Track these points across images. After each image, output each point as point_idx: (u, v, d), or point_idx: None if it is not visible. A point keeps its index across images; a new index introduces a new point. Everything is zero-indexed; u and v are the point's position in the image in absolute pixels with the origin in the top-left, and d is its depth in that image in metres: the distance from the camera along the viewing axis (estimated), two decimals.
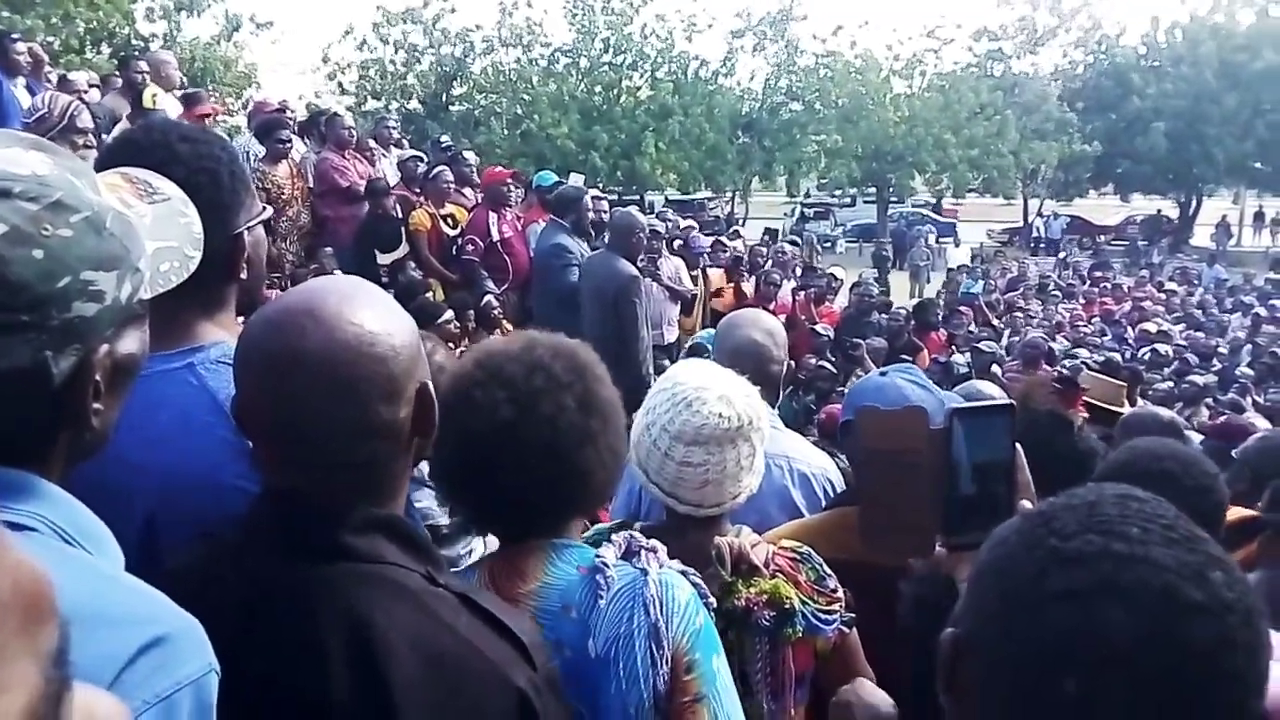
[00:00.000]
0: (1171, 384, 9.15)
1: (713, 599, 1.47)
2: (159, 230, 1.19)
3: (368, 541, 1.11)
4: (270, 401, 1.11)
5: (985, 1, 48.16)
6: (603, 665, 1.29)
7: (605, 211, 8.06)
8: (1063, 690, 0.69)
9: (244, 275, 1.45)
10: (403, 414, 1.13)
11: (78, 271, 0.86)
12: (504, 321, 6.88)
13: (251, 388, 1.13)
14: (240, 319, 1.44)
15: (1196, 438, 4.77)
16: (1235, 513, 2.00)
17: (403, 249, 7.09)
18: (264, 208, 1.53)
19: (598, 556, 1.36)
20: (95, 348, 0.89)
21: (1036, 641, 0.72)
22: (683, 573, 1.42)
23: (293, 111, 8.66)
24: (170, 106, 6.81)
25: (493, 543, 1.55)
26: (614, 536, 1.43)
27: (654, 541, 1.43)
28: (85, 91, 6.78)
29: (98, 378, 0.90)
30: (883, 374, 2.43)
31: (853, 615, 1.67)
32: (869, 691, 1.55)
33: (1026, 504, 1.12)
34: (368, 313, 1.12)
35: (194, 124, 1.63)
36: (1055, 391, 3.75)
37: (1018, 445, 1.18)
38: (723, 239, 10.83)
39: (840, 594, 1.67)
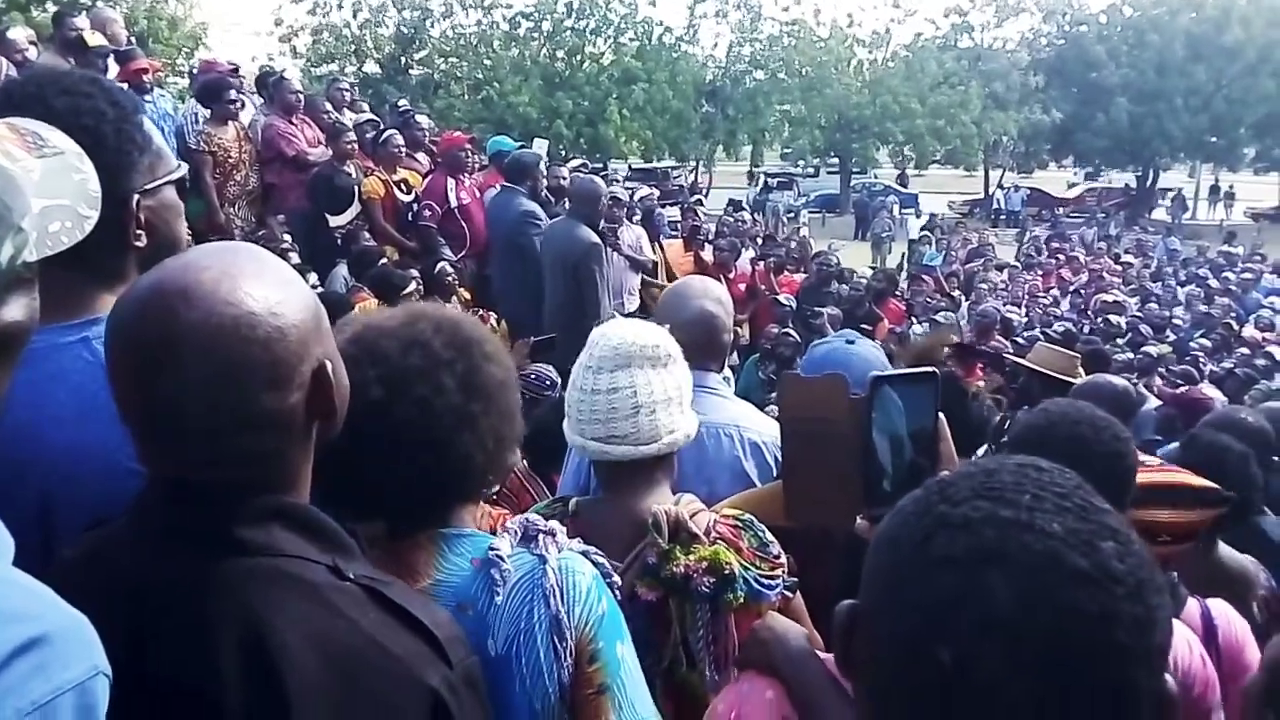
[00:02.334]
0: (1131, 355, 9.24)
1: (617, 579, 1.41)
2: (49, 187, 1.09)
3: (263, 532, 1.02)
4: (141, 393, 1.00)
5: None
6: (504, 663, 1.22)
7: (565, 179, 7.94)
8: (939, 660, 0.66)
9: (141, 243, 1.33)
10: (293, 399, 1.02)
11: None
12: (459, 289, 6.77)
13: (121, 377, 1.02)
14: None
15: (1154, 403, 4.82)
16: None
17: (354, 209, 6.91)
18: (176, 167, 1.41)
19: (492, 548, 1.27)
20: None
21: (916, 609, 0.69)
22: (584, 553, 1.35)
23: (243, 73, 8.37)
24: (110, 65, 6.57)
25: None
26: (508, 523, 1.34)
27: (552, 524, 1.35)
28: (25, 50, 6.51)
29: None
30: (826, 342, 2.41)
31: (795, 580, 1.65)
32: (781, 622, 1.53)
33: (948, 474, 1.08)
34: (249, 288, 1.00)
35: (90, 75, 1.48)
36: (952, 357, 3.74)
37: (941, 415, 1.14)
38: (695, 209, 10.75)
39: (783, 560, 1.64)
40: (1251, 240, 22.77)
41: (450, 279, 6.66)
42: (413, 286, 6.05)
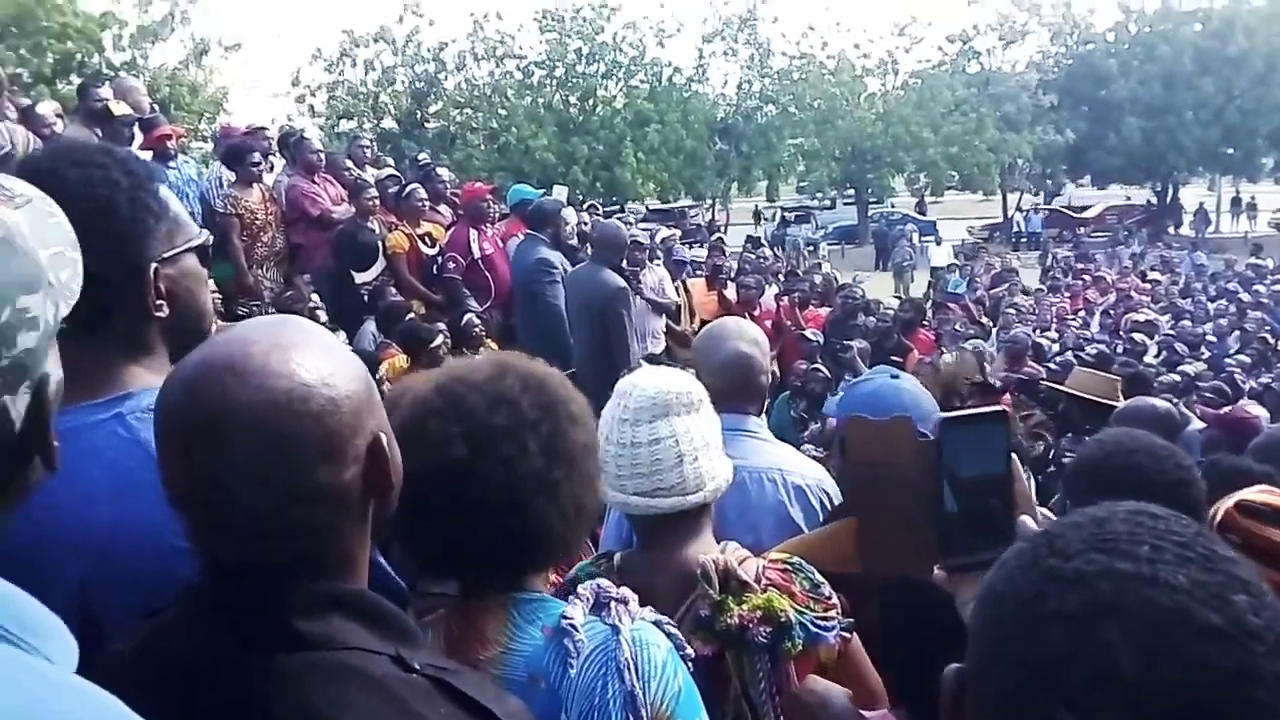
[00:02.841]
0: (1176, 378, 9.05)
1: (690, 649, 1.37)
2: (39, 236, 1.07)
3: (322, 623, 0.97)
4: (191, 473, 0.96)
5: (956, 1, 48.59)
6: None
7: (587, 224, 7.98)
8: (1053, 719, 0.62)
9: (163, 313, 1.30)
10: (348, 475, 0.98)
11: (13, 300, 0.76)
12: (486, 340, 6.77)
13: (170, 457, 0.98)
14: None
15: (1198, 424, 4.70)
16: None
17: (379, 265, 6.96)
18: (197, 234, 1.39)
19: (565, 617, 1.23)
20: (43, 380, 0.80)
21: (1030, 669, 0.65)
22: (656, 623, 1.31)
23: (268, 133, 8.49)
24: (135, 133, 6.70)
25: None
26: (580, 589, 1.29)
27: (624, 590, 1.30)
28: (53, 124, 6.65)
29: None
30: (869, 379, 2.36)
31: (851, 621, 1.60)
32: (822, 686, 1.50)
33: (1026, 519, 1.02)
34: (299, 361, 0.97)
35: (104, 147, 1.46)
36: (975, 395, 3.64)
37: (1014, 456, 1.09)
38: (720, 248, 10.74)
39: (836, 601, 1.60)
40: (1278, 251, 22.48)
41: (477, 330, 6.67)
42: (440, 339, 6.06)
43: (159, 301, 1.30)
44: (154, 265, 1.30)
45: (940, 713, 0.75)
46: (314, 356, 0.99)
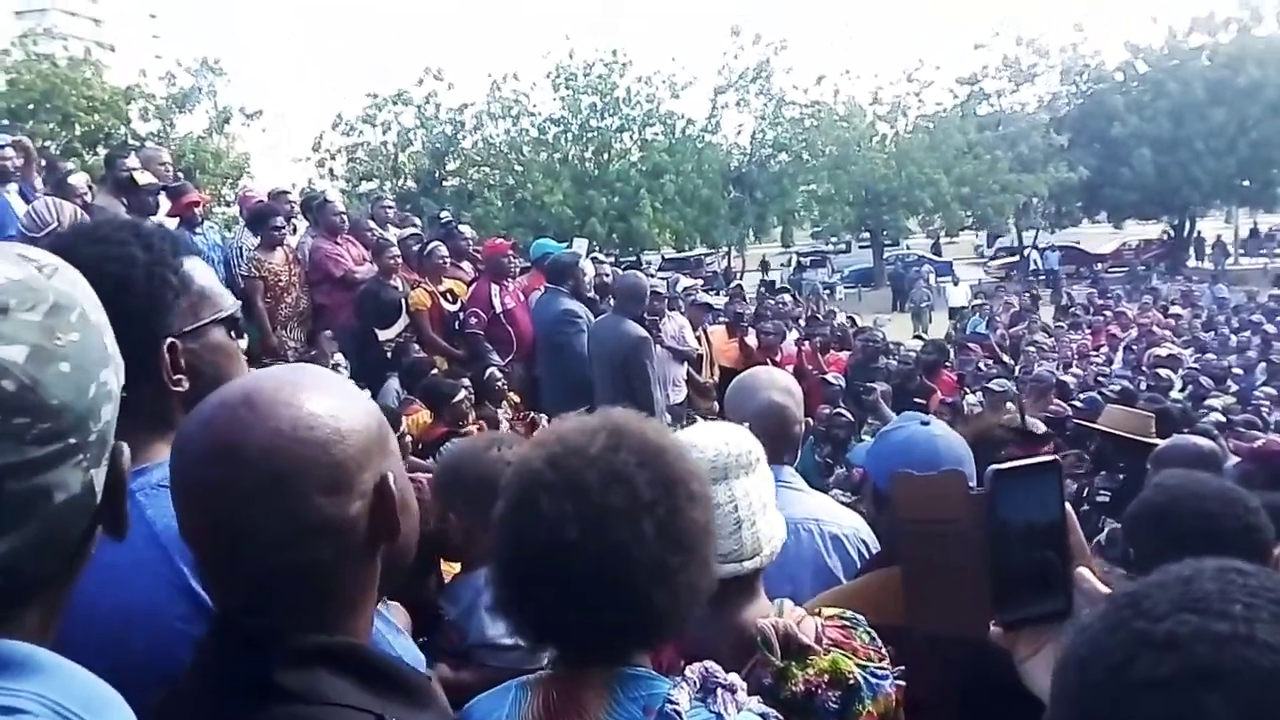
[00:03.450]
0: (1219, 417, 8.88)
1: None
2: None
3: (305, 677, 0.96)
4: (198, 499, 0.99)
5: (963, 43, 49.20)
6: None
7: (607, 275, 8.04)
8: None
9: (182, 388, 1.30)
10: (353, 509, 0.99)
11: (97, 375, 0.79)
12: (509, 393, 6.80)
13: (183, 488, 1.01)
14: None
15: (1233, 460, 4.62)
16: None
17: (402, 323, 7.03)
18: (228, 308, 1.39)
19: (670, 700, 1.18)
20: (117, 451, 0.82)
21: None
22: (763, 715, 1.26)
23: (291, 196, 8.64)
24: (161, 201, 6.83)
25: None
26: (688, 671, 1.24)
27: (732, 677, 1.25)
28: (84, 194, 6.79)
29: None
30: (900, 427, 2.33)
31: (902, 668, 1.57)
32: None
33: (1084, 571, 1.00)
34: (308, 396, 1.00)
35: (129, 222, 1.48)
36: (1013, 442, 3.55)
37: (1068, 506, 1.07)
38: (740, 295, 10.75)
39: (886, 651, 1.57)
40: None
41: (500, 384, 6.70)
42: (462, 394, 6.09)
43: (177, 376, 1.30)
44: (172, 339, 1.30)
45: None
46: (323, 393, 1.02)
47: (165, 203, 6.95)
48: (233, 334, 1.41)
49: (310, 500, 0.96)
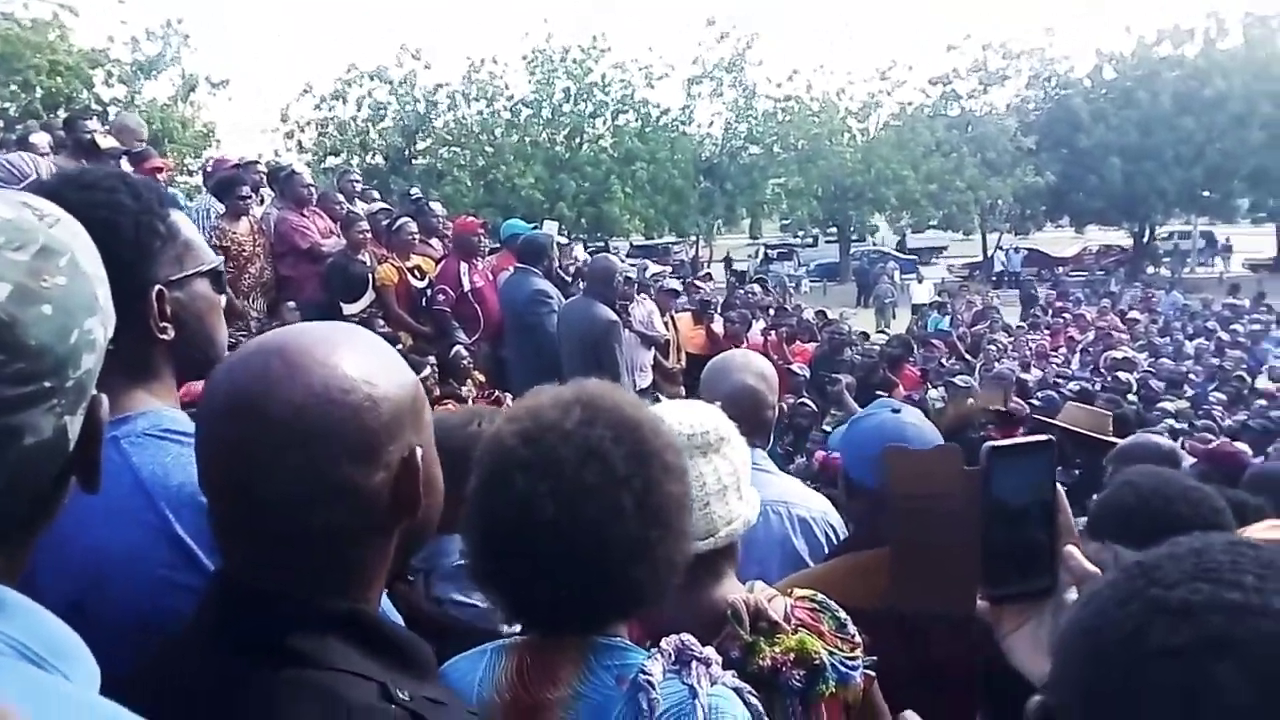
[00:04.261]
0: (1172, 423, 9.06)
1: None
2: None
3: (315, 642, 0.94)
4: (221, 452, 0.96)
5: (937, 44, 49.65)
6: None
7: (576, 261, 8.01)
8: None
9: (168, 336, 1.28)
10: (376, 479, 0.96)
11: (81, 322, 0.78)
12: (474, 371, 6.76)
13: (205, 435, 0.98)
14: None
15: (1189, 460, 4.74)
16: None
17: (368, 298, 6.96)
18: (211, 261, 1.37)
19: (643, 671, 1.18)
20: (95, 401, 0.81)
21: (1136, 708, 0.62)
22: (737, 690, 1.26)
23: (259, 166, 8.51)
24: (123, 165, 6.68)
25: None
26: (664, 642, 1.24)
27: (708, 651, 1.26)
28: (47, 153, 6.64)
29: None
30: (871, 414, 2.35)
31: (874, 659, 1.58)
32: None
33: (1071, 549, 1.02)
34: (346, 356, 0.96)
35: (116, 171, 1.46)
36: (993, 424, 3.61)
37: (1059, 486, 1.09)
38: (696, 281, 10.80)
39: (859, 639, 1.57)
40: (1254, 291, 22.81)
41: (466, 362, 6.66)
42: (428, 371, 6.04)
43: (164, 324, 1.28)
44: (158, 287, 1.28)
45: None
46: (362, 356, 0.98)
47: (128, 168, 6.81)
48: (215, 289, 1.39)
49: (334, 465, 0.93)
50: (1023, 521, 1.02)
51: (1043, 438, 1.09)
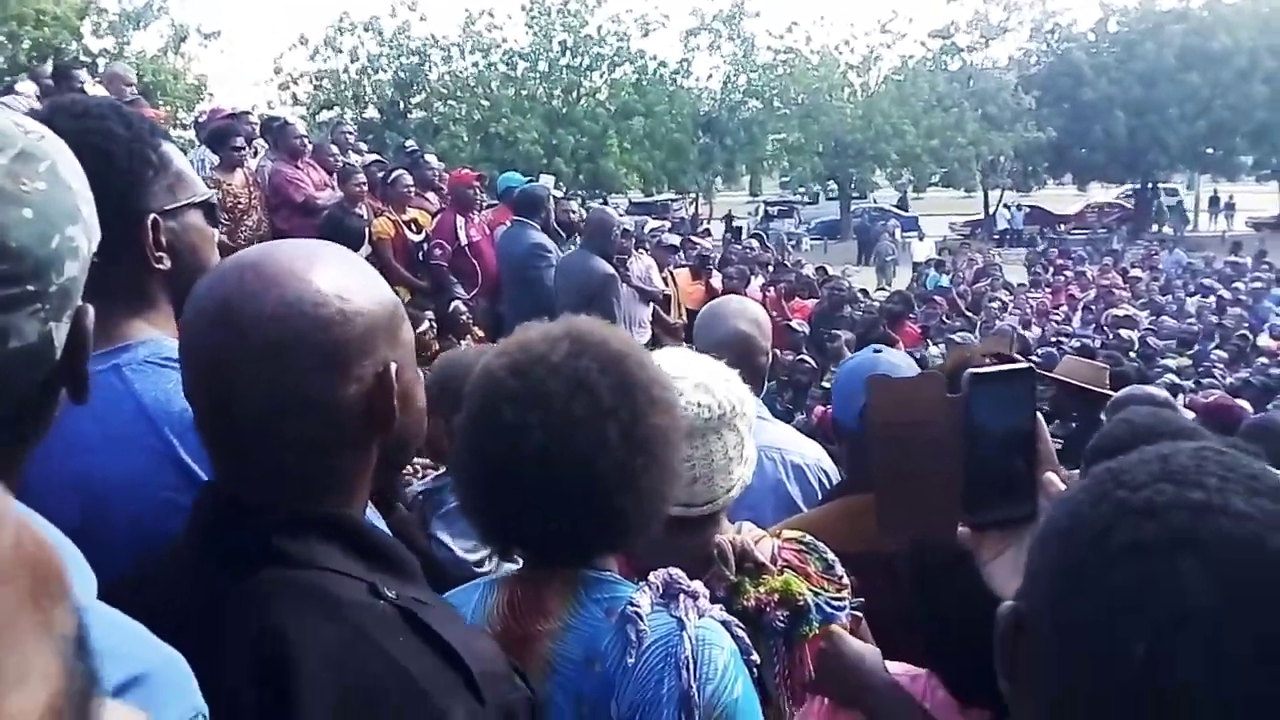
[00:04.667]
0: (1139, 365, 9.13)
1: (756, 656, 1.33)
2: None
3: (299, 543, 0.96)
4: (199, 363, 0.98)
5: None
6: None
7: (574, 212, 7.94)
8: (1131, 655, 0.61)
9: (164, 265, 1.28)
10: (349, 391, 0.97)
11: (63, 228, 0.78)
12: (473, 326, 6.74)
13: (185, 346, 1.00)
14: None
15: (1189, 415, 4.74)
16: None
17: (364, 251, 6.90)
18: (203, 193, 1.37)
19: (631, 603, 1.20)
20: (81, 311, 0.82)
21: (1101, 603, 0.64)
22: (725, 623, 1.27)
23: (252, 117, 8.41)
24: None
25: None
26: (652, 576, 1.26)
27: (696, 584, 1.27)
28: (33, 103, 6.57)
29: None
30: (852, 357, 2.38)
31: (862, 600, 1.59)
32: (853, 646, 1.45)
33: (1051, 477, 1.01)
34: (324, 271, 0.98)
35: (108, 101, 1.44)
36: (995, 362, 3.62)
37: (1039, 414, 1.08)
38: (693, 237, 10.75)
39: (847, 581, 1.59)
40: (1256, 249, 22.74)
41: (464, 317, 6.64)
42: (425, 325, 6.02)
43: (159, 254, 1.28)
44: (153, 216, 1.28)
45: (995, 652, 0.74)
46: (338, 271, 1.00)
47: None
48: (209, 221, 1.39)
49: (305, 376, 0.95)
50: (1003, 448, 1.02)
51: (1022, 365, 1.08)
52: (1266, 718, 0.59)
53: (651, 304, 7.90)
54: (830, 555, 1.60)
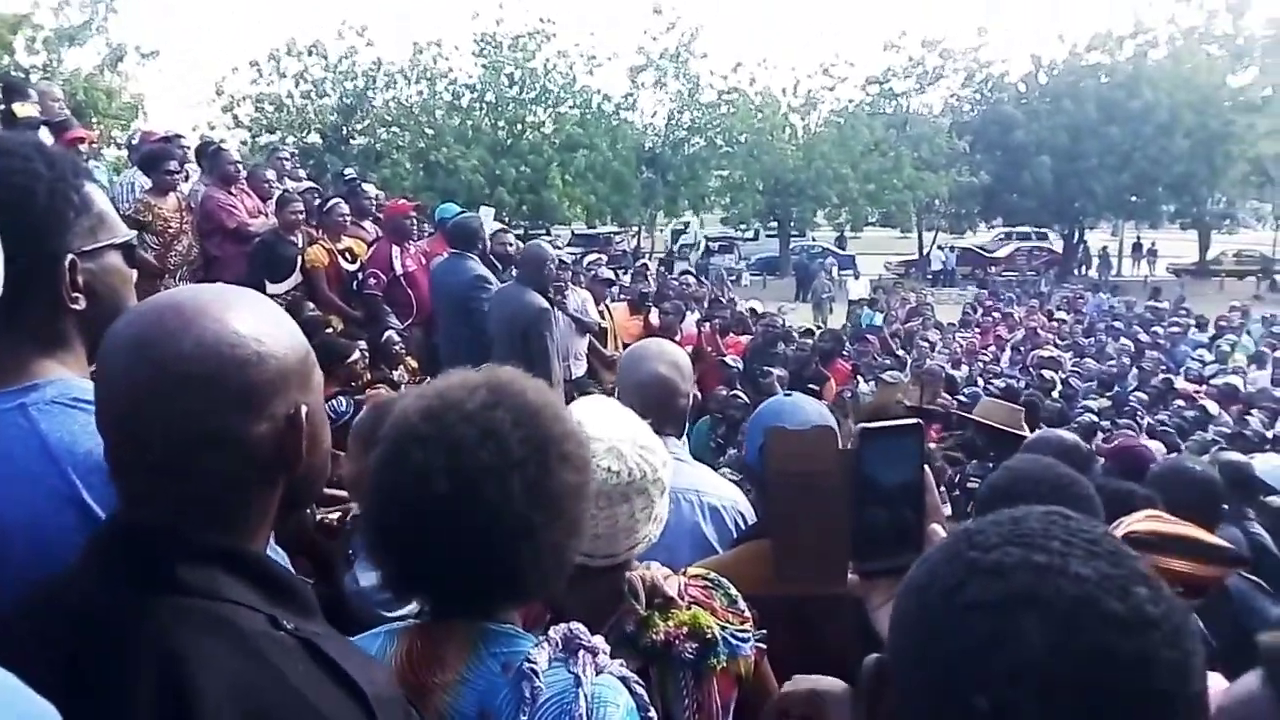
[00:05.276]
0: (1093, 417, 9.32)
1: (653, 712, 1.34)
2: None
3: (204, 574, 0.99)
4: (115, 392, 1.01)
5: (875, 42, 50.36)
6: None
7: (511, 245, 7.96)
8: (974, 709, 0.65)
9: (79, 306, 1.29)
10: (260, 429, 1.01)
11: None
12: (406, 358, 6.69)
13: (102, 375, 1.03)
14: None
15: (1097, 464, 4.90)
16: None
17: (295, 279, 6.82)
18: (124, 235, 1.38)
19: (527, 660, 1.20)
20: None
21: (950, 656, 0.68)
22: (624, 679, 1.28)
23: (185, 141, 8.30)
24: (43, 135, 6.46)
25: None
26: (552, 631, 1.27)
27: (596, 640, 1.28)
28: None
29: None
30: (769, 400, 2.43)
31: (764, 632, 1.63)
32: (822, 681, 1.47)
33: (936, 528, 1.07)
34: (241, 315, 1.03)
35: (33, 139, 1.45)
36: (909, 415, 3.72)
37: (926, 468, 1.14)
38: (644, 274, 10.81)
39: (749, 614, 1.64)
40: (1176, 295, 23.59)
41: (398, 347, 6.60)
42: (356, 354, 5.97)
43: (75, 294, 1.28)
44: (70, 257, 1.28)
45: (861, 700, 0.79)
46: (254, 316, 1.05)
47: (48, 138, 6.59)
48: (128, 263, 1.40)
49: (217, 412, 0.99)
50: (892, 500, 1.07)
51: (911, 421, 1.13)
52: None
53: (588, 336, 7.94)
54: (733, 590, 1.65)
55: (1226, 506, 3.34)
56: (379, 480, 1.25)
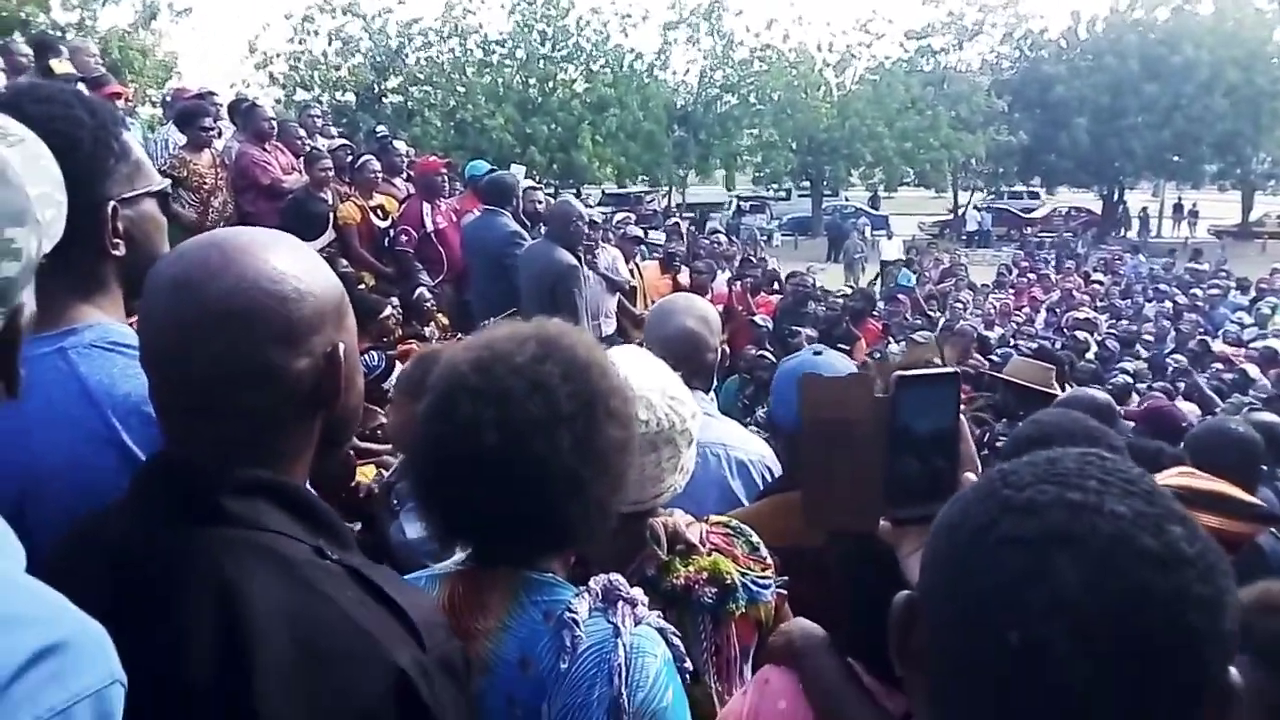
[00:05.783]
0: (1128, 378, 9.23)
1: (689, 664, 1.36)
2: (28, 174, 1.09)
3: (248, 506, 1.02)
4: (159, 329, 1.04)
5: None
6: None
7: (541, 203, 7.94)
8: (1007, 643, 0.66)
9: (119, 251, 1.32)
10: (301, 364, 1.04)
11: (1, 230, 0.81)
12: (438, 314, 6.74)
13: (146, 313, 1.06)
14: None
15: (1127, 425, 4.85)
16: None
17: (328, 236, 6.87)
18: (159, 183, 1.41)
19: (568, 609, 1.22)
20: (18, 309, 0.85)
21: (982, 592, 0.69)
22: (661, 630, 1.29)
23: (218, 98, 8.34)
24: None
25: None
26: (592, 581, 1.27)
27: (635, 591, 1.29)
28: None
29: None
30: (793, 356, 2.42)
31: (785, 578, 1.65)
32: (802, 623, 1.48)
33: (970, 476, 1.07)
34: (279, 254, 1.05)
35: (70, 88, 1.47)
36: None
37: (962, 416, 1.13)
38: (677, 232, 10.74)
39: (771, 562, 1.65)
40: (1216, 257, 23.10)
41: (429, 304, 6.64)
42: (389, 310, 6.02)
43: (116, 240, 1.31)
44: (112, 203, 1.31)
45: (890, 637, 0.78)
46: (293, 256, 1.07)
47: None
48: (163, 210, 1.43)
49: (259, 346, 1.01)
50: (927, 448, 1.06)
51: (948, 369, 1.13)
52: (1128, 706, 0.64)
53: (618, 294, 7.92)
54: (755, 537, 1.67)
55: (1265, 468, 3.30)
56: (427, 431, 1.26)
